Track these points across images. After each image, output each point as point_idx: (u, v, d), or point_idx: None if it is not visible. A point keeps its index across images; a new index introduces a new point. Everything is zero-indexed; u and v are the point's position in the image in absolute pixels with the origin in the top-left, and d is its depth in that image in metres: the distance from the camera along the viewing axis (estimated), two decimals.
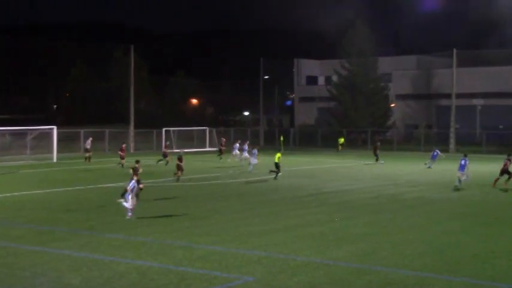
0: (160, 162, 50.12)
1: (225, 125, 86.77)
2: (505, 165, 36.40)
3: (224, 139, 62.19)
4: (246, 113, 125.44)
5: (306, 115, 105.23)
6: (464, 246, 20.33)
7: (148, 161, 49.74)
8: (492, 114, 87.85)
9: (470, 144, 72.21)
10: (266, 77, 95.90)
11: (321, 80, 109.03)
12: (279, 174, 40.21)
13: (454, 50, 76.54)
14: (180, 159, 38.38)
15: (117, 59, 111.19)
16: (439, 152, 50.83)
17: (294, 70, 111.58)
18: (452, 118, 75.28)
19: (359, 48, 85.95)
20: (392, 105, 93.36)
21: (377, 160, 53.69)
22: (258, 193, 33.67)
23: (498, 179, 36.48)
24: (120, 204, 25.93)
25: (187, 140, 72.54)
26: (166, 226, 23.41)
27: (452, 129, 75.30)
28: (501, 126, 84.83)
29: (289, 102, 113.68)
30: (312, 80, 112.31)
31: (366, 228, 23.30)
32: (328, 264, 17.84)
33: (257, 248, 19.69)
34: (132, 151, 67.31)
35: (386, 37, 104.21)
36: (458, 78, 76.42)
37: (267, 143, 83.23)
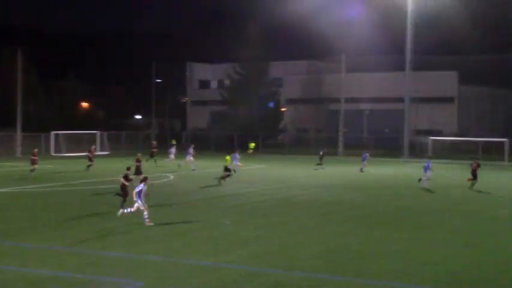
0: (90, 167, 48.76)
1: (117, 128, 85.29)
2: (474, 168, 39.15)
3: (155, 142, 61.52)
4: (138, 117, 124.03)
5: (198, 119, 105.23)
6: (353, 247, 20.84)
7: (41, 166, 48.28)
8: (378, 119, 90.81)
9: (357, 147, 74.18)
10: (158, 80, 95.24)
11: (214, 84, 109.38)
12: (231, 175, 39.96)
13: (343, 56, 78.58)
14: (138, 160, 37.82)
15: (4, 61, 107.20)
16: (368, 155, 52.65)
17: (186, 74, 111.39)
18: (341, 122, 77.19)
19: (251, 53, 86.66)
20: (284, 109, 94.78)
21: (321, 166, 54.15)
22: (152, 198, 33.28)
23: (471, 179, 38.97)
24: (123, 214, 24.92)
25: (76, 143, 70.86)
26: (55, 232, 22.77)
27: (340, 133, 77.21)
28: (387, 130, 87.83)
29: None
30: (204, 84, 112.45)
31: (258, 231, 23.47)
32: (219, 267, 17.86)
33: (148, 253, 19.47)
34: (19, 155, 65.20)
35: (278, 42, 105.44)
36: (347, 84, 78.49)
37: (159, 146, 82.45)
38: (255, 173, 49.46)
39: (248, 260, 18.82)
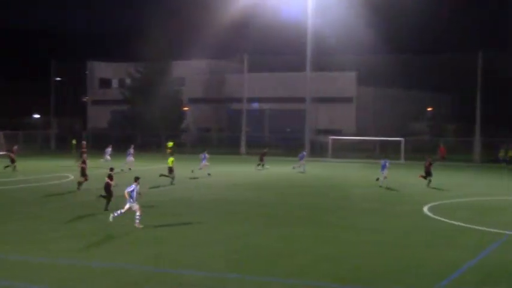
0: (7, 168, 46.82)
1: (14, 128, 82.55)
2: (427, 166, 40.49)
3: (85, 142, 59.91)
4: (36, 116, 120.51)
5: (99, 118, 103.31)
6: (257, 246, 20.97)
7: None
8: (280, 118, 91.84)
9: (260, 147, 74.74)
10: (58, 78, 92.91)
11: (115, 83, 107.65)
12: (174, 178, 39.51)
13: (245, 56, 79.03)
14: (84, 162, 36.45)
15: None
16: (305, 154, 53.85)
17: (87, 72, 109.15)
18: (243, 122, 77.61)
19: (152, 52, 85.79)
20: (186, 109, 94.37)
21: (262, 166, 54.05)
22: (57, 200, 32.43)
23: (424, 177, 40.34)
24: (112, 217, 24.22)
25: None
26: None
27: (243, 133, 77.62)
28: (288, 130, 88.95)
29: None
30: (105, 83, 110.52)
31: (161, 231, 23.25)
32: (120, 268, 17.58)
33: (47, 255, 18.96)
34: None
35: (181, 41, 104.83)
36: (248, 83, 78.99)
37: (59, 146, 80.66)
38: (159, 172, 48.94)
39: (149, 260, 18.61)
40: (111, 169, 29.71)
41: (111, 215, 24.28)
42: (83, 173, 35.41)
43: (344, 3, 72.87)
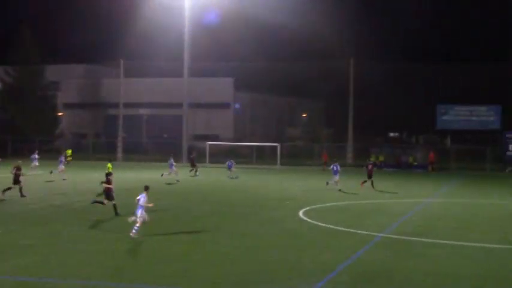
0: None
1: None
2: (370, 169, 42.22)
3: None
4: None
5: None
6: (131, 252, 20.59)
7: None
8: (157, 124, 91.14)
9: (137, 152, 73.88)
10: None
11: None
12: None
13: (122, 61, 77.89)
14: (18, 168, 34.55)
15: None
16: (233, 162, 53.64)
17: None
18: (120, 127, 76.40)
19: (24, 55, 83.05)
20: (60, 114, 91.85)
21: (195, 171, 53.22)
22: None
23: (366, 181, 42.38)
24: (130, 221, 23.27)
25: None
26: None
27: (120, 138, 76.40)
28: (166, 135, 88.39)
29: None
30: None
31: (33, 239, 22.41)
32: None
33: None
34: None
35: (56, 45, 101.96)
36: (125, 88, 77.88)
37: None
38: (34, 179, 47.22)
39: (23, 270, 17.84)
40: (109, 174, 29.30)
41: (132, 234, 22.57)
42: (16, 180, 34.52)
43: (221, 11, 73.25)
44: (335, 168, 42.27)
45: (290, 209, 32.19)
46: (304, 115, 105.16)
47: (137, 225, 22.73)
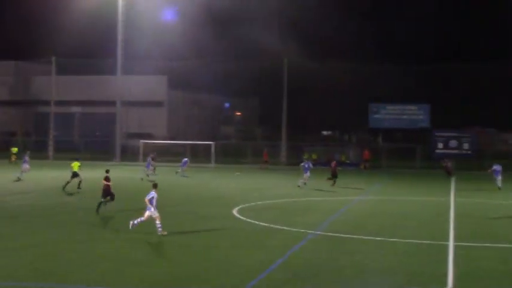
0: None
1: None
2: (334, 167, 43.59)
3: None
4: None
5: None
6: (59, 253, 20.33)
7: None
8: (90, 122, 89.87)
9: (69, 151, 72.65)
10: None
11: None
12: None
13: (54, 58, 76.48)
14: None
15: None
16: (187, 160, 53.62)
17: None
18: (51, 125, 75.03)
19: None
20: None
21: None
22: None
23: (331, 179, 43.58)
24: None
25: None
26: None
27: (51, 137, 75.03)
28: (98, 133, 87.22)
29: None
30: None
31: None
32: None
33: None
34: None
35: None
36: (57, 86, 76.51)
37: None
38: None
39: None
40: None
41: (131, 223, 23.46)
42: None
43: (155, 9, 72.68)
44: (306, 165, 43.36)
45: (224, 207, 32.24)
46: (238, 113, 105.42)
47: (157, 222, 23.20)
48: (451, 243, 22.99)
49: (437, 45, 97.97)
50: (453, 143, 70.16)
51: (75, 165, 39.58)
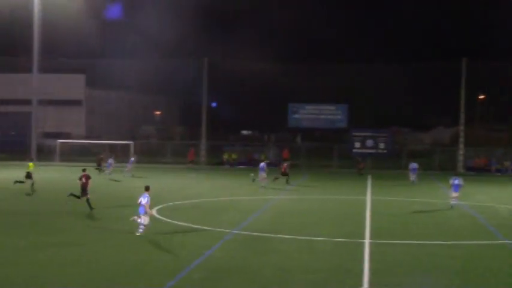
0: None
1: None
2: (284, 168, 45.66)
3: None
4: None
5: None
6: None
7: None
8: (4, 121, 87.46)
9: None
10: None
11: None
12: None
13: None
14: None
15: None
16: (133, 159, 53.50)
17: None
18: None
19: None
20: None
21: (99, 171, 51.83)
22: None
23: (281, 179, 45.44)
24: (134, 221, 24.07)
25: None
26: None
27: None
28: (13, 133, 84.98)
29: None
30: None
31: None
32: None
33: None
34: None
35: None
36: None
37: None
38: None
39: None
40: (84, 169, 30.98)
41: (139, 231, 23.39)
42: None
43: (76, 6, 71.29)
44: (262, 165, 45.56)
45: None
46: (157, 112, 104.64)
47: (142, 223, 23.42)
48: (366, 241, 23.55)
49: (357, 46, 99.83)
50: (370, 142, 71.63)
51: (30, 166, 39.23)
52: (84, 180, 29.97)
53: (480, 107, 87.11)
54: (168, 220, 27.82)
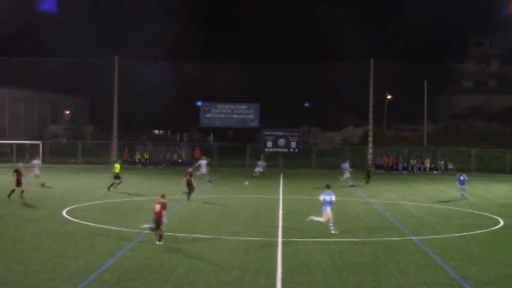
0: None
1: None
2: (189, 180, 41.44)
3: None
4: None
5: None
6: None
7: None
8: None
9: None
10: None
11: None
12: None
13: None
14: None
15: None
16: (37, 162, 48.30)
17: None
18: None
19: None
20: None
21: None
22: None
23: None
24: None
25: None
26: None
27: None
28: None
29: None
30: None
31: None
32: None
33: None
34: None
35: None
36: None
37: None
38: None
39: None
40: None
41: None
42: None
43: None
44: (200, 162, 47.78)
45: (53, 208, 31.27)
46: (67, 112, 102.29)
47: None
48: (279, 240, 23.68)
49: (267, 46, 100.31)
50: (281, 141, 72.39)
51: (117, 167, 39.61)
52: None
53: (388, 107, 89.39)
54: (78, 221, 27.24)
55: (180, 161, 70.03)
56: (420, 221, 29.70)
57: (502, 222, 29.46)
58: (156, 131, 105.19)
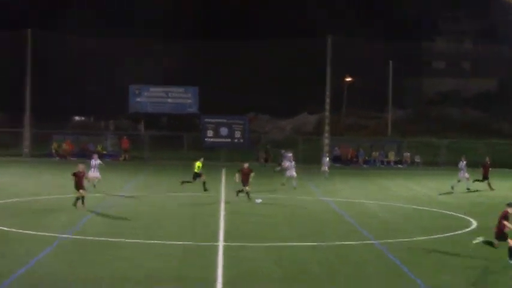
0: None
1: None
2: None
3: None
4: None
5: None
6: None
7: None
8: None
9: None
10: None
11: None
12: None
13: None
14: None
15: None
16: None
17: None
18: None
19: None
20: None
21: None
22: None
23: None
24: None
25: None
26: None
27: None
28: None
29: None
30: None
31: None
32: None
33: None
34: None
35: None
36: None
37: None
38: None
39: None
40: None
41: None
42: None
43: None
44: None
45: None
46: None
47: None
48: (220, 244, 23.79)
49: (209, 19, 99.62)
50: (224, 130, 72.14)
51: (198, 166, 39.89)
52: None
53: (348, 91, 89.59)
54: None
55: (105, 152, 69.23)
56: (383, 223, 30.13)
57: (474, 224, 29.99)
58: (77, 118, 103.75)
